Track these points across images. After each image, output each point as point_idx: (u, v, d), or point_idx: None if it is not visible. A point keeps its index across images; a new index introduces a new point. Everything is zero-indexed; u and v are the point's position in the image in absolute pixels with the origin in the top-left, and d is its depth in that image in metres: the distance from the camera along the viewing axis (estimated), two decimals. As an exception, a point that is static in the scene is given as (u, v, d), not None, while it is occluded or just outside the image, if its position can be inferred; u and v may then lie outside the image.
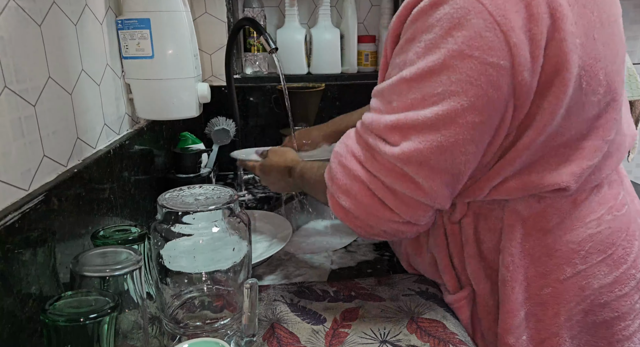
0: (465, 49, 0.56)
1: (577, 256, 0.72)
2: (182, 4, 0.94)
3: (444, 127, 0.59)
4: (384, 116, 0.64)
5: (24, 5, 0.61)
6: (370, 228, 0.69)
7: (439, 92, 0.58)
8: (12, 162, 0.57)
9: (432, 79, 0.59)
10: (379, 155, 0.65)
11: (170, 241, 0.64)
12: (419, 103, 0.60)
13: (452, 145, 0.60)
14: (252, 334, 0.62)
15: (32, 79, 0.62)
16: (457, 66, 0.57)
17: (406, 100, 0.61)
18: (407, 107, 0.61)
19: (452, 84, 0.58)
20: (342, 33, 1.57)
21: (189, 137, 1.26)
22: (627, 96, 1.63)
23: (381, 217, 0.67)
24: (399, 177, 0.63)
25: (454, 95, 0.58)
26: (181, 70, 0.96)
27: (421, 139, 0.60)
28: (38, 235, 0.59)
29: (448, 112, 0.58)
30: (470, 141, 0.60)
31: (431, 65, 0.58)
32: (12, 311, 0.53)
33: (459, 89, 0.57)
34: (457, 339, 0.71)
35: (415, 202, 0.65)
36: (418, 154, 0.61)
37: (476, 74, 0.57)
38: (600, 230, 0.72)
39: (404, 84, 0.61)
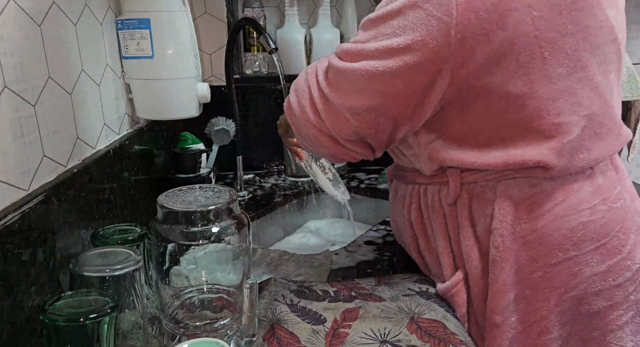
0: (419, 2, 0.65)
1: (568, 242, 0.73)
2: (181, 3, 0.94)
3: (379, 58, 0.69)
4: (347, 44, 0.75)
5: (24, 5, 0.61)
6: (301, 128, 0.81)
7: (387, 33, 0.68)
8: (12, 162, 0.57)
9: (386, 21, 0.69)
10: (329, 68, 0.76)
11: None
12: (370, 39, 0.71)
13: (380, 74, 0.68)
14: (251, 334, 0.62)
15: (32, 79, 0.62)
16: (407, 13, 0.66)
17: (364, 35, 0.72)
18: (362, 40, 0.72)
19: (398, 28, 0.67)
20: (342, 33, 1.57)
21: (188, 137, 1.26)
22: (627, 96, 1.63)
23: (310, 120, 0.78)
24: (334, 88, 0.74)
25: (396, 36, 0.67)
26: (181, 70, 0.96)
27: (360, 63, 0.70)
28: (38, 235, 0.59)
29: (386, 47, 0.68)
30: (399, 78, 0.68)
31: (390, 10, 0.68)
32: (12, 311, 0.53)
33: (401, 32, 0.67)
34: (458, 339, 0.71)
35: (337, 111, 0.74)
36: (352, 71, 0.71)
37: (419, 22, 0.65)
38: (593, 219, 0.74)
39: (368, 23, 0.72)
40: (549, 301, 0.75)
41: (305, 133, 0.80)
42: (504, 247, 0.74)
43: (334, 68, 0.74)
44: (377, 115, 0.73)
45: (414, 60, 0.66)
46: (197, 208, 0.64)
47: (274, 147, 1.54)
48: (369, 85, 0.70)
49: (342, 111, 0.74)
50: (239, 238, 0.68)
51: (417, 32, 0.65)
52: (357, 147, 0.78)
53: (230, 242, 0.67)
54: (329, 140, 0.78)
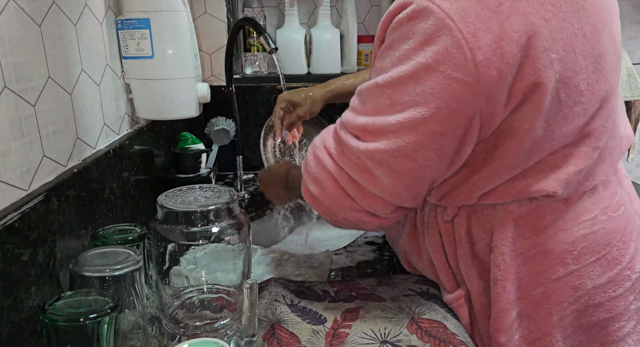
0: (432, 63, 0.59)
1: (569, 256, 0.72)
2: (181, 4, 0.94)
3: (405, 134, 0.63)
4: (357, 117, 0.68)
5: (24, 6, 0.61)
6: (335, 215, 0.74)
7: (405, 101, 0.62)
8: (11, 162, 0.57)
9: (400, 87, 0.62)
10: (347, 149, 0.69)
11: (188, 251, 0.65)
12: (387, 109, 0.64)
13: (412, 151, 0.64)
14: (251, 334, 0.62)
15: (31, 79, 0.62)
16: (423, 78, 0.60)
17: (377, 104, 0.65)
18: (376, 111, 0.65)
19: (417, 95, 0.61)
20: (342, 33, 1.57)
21: (188, 137, 1.26)
22: (627, 96, 1.63)
23: (344, 206, 0.72)
24: (362, 171, 0.68)
25: (418, 105, 0.61)
26: (181, 70, 0.96)
27: (385, 141, 0.64)
28: (38, 235, 0.59)
29: (410, 121, 0.62)
30: (430, 149, 0.64)
31: (401, 75, 0.62)
32: (11, 311, 0.53)
33: (422, 100, 0.61)
34: (458, 339, 0.71)
35: (374, 195, 0.69)
36: (380, 153, 0.65)
37: (440, 87, 0.59)
38: (594, 230, 0.73)
39: (377, 89, 0.65)
40: (552, 316, 0.73)
41: (343, 218, 0.74)
42: (505, 266, 0.73)
43: (355, 151, 0.67)
44: (413, 188, 0.69)
45: (442, 129, 0.62)
46: (197, 208, 0.64)
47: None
48: (399, 164, 0.65)
49: (377, 193, 0.69)
50: (239, 238, 0.68)
51: (439, 99, 0.60)
52: (399, 212, 0.73)
53: (230, 242, 0.67)
54: (371, 217, 0.73)
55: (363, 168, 0.68)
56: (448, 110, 0.60)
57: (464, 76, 0.58)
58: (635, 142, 1.75)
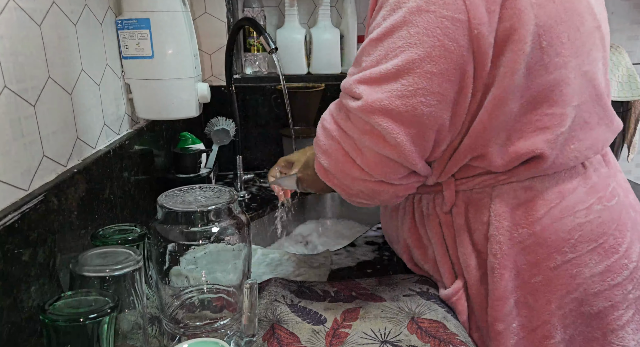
0: (423, 5, 0.61)
1: (566, 245, 0.73)
2: (181, 4, 0.94)
3: (402, 77, 0.63)
4: (354, 76, 0.68)
5: (24, 5, 0.61)
6: (348, 188, 0.73)
7: (400, 45, 0.63)
8: (11, 162, 0.57)
9: (394, 35, 0.63)
10: (351, 113, 0.68)
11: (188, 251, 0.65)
12: (382, 58, 0.65)
13: (412, 94, 0.63)
14: (251, 334, 0.62)
15: (31, 79, 0.62)
16: (415, 21, 0.62)
17: (373, 58, 0.66)
18: (373, 64, 0.66)
19: (410, 37, 0.62)
20: (342, 33, 1.57)
21: (188, 137, 1.26)
22: (627, 96, 1.63)
23: (354, 176, 0.71)
24: (366, 133, 0.67)
25: (412, 46, 0.62)
26: (181, 70, 0.96)
27: (383, 89, 0.64)
28: (38, 235, 0.59)
29: (406, 62, 0.62)
30: (430, 91, 0.63)
31: (393, 23, 0.63)
32: (11, 311, 0.53)
33: (417, 41, 0.62)
34: (458, 339, 0.71)
35: (383, 158, 0.68)
36: (379, 103, 0.64)
37: (432, 26, 0.61)
38: (589, 219, 0.74)
39: (372, 45, 0.66)
40: (550, 304, 0.74)
41: (357, 190, 0.73)
42: (502, 254, 0.74)
43: (356, 110, 0.67)
44: (419, 142, 0.67)
45: (440, 69, 0.62)
46: (197, 208, 0.64)
47: (274, 147, 1.54)
48: (402, 112, 0.64)
49: (384, 153, 0.67)
50: (239, 238, 0.68)
51: (433, 37, 0.61)
52: (412, 178, 0.72)
53: (230, 242, 0.67)
54: (385, 186, 0.71)
55: (367, 129, 0.67)
56: (442, 47, 0.61)
57: (455, 13, 0.60)
58: (635, 142, 1.75)
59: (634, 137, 1.74)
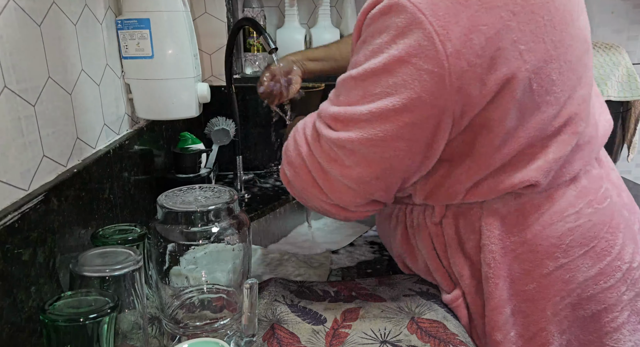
0: (405, 56, 0.61)
1: (558, 250, 0.73)
2: (181, 4, 0.94)
3: (376, 123, 0.64)
4: (330, 107, 0.70)
5: (24, 5, 0.61)
6: (304, 201, 0.76)
7: (377, 92, 0.63)
8: (11, 162, 0.57)
9: (373, 79, 0.64)
10: (321, 138, 0.70)
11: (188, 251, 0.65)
12: (359, 100, 0.65)
13: (382, 140, 0.64)
14: (251, 334, 0.62)
15: (31, 79, 0.62)
16: (395, 70, 0.61)
17: (350, 96, 0.67)
18: (349, 103, 0.67)
19: (389, 86, 0.62)
20: (342, 33, 1.57)
21: (188, 137, 1.26)
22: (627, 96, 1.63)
23: (313, 195, 0.73)
24: (332, 161, 0.69)
25: (389, 95, 0.62)
26: (181, 70, 0.96)
27: (356, 131, 0.65)
28: (38, 235, 0.59)
29: (381, 110, 0.63)
30: (401, 139, 0.64)
31: (374, 67, 0.63)
32: (11, 311, 0.53)
33: (394, 91, 0.62)
34: (458, 339, 0.71)
35: (344, 187, 0.70)
36: (350, 142, 0.66)
37: (411, 79, 0.61)
38: (580, 223, 0.73)
39: (352, 81, 0.67)
40: (546, 311, 0.74)
41: (312, 205, 0.76)
42: (495, 263, 0.73)
43: (327, 139, 0.68)
44: (385, 179, 0.69)
45: (413, 119, 0.63)
46: (197, 208, 0.64)
47: (274, 147, 1.54)
48: (370, 153, 0.66)
49: (347, 183, 0.69)
50: (238, 238, 0.68)
51: (411, 89, 0.61)
52: (370, 207, 0.74)
53: (230, 242, 0.67)
54: (339, 210, 0.74)
55: (334, 158, 0.69)
56: (419, 100, 0.61)
57: (435, 67, 0.60)
58: (635, 142, 1.75)
59: (634, 137, 1.74)
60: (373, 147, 0.65)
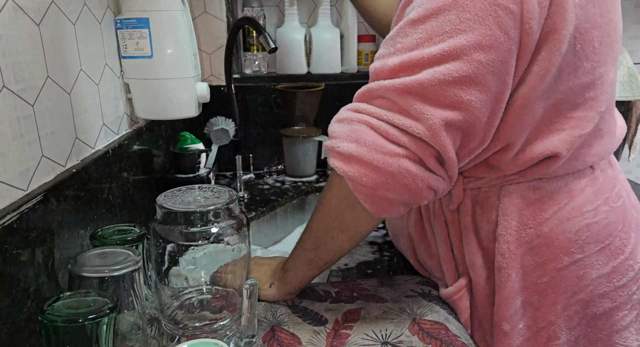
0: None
1: (574, 245, 0.73)
2: (181, 3, 0.94)
3: (447, 62, 0.58)
4: (389, 59, 0.62)
5: (23, 5, 0.60)
6: (377, 171, 0.61)
7: (447, 30, 0.58)
8: (10, 162, 0.57)
9: (440, 17, 0.58)
10: (380, 97, 0.62)
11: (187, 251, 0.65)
12: (424, 41, 0.59)
13: (455, 80, 0.58)
14: (251, 334, 0.62)
15: (30, 78, 0.62)
16: (466, 5, 0.57)
17: (412, 40, 0.60)
18: (412, 47, 0.60)
19: (460, 23, 0.57)
20: (342, 32, 1.57)
21: (188, 137, 1.25)
22: (628, 96, 1.63)
23: (389, 151, 0.61)
24: (401, 111, 0.61)
25: (462, 33, 0.58)
26: (180, 69, 0.95)
27: (425, 72, 0.59)
28: (36, 235, 0.59)
29: (454, 48, 0.58)
30: (474, 81, 0.59)
31: (440, 5, 0.58)
32: (10, 312, 0.53)
33: (467, 28, 0.57)
34: (460, 341, 0.70)
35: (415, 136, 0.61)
36: (418, 85, 0.59)
37: (485, 13, 0.57)
38: (597, 220, 0.73)
39: (410, 26, 0.61)
40: (557, 305, 0.74)
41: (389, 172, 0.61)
42: (510, 254, 0.73)
43: (385, 91, 0.61)
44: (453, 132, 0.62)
45: (487, 59, 0.58)
46: (197, 208, 0.64)
47: (273, 147, 1.54)
48: (440, 96, 0.59)
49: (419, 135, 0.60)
50: (238, 238, 0.67)
51: (485, 26, 0.57)
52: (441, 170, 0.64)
53: (230, 243, 0.67)
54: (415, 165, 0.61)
55: (398, 110, 0.61)
56: (493, 37, 0.57)
57: (510, 3, 0.57)
58: (636, 142, 1.75)
59: (635, 137, 1.74)
60: (444, 88, 0.58)
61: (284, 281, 0.79)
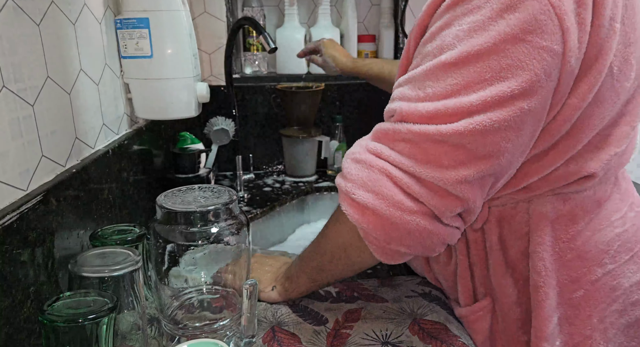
0: (519, 33, 0.53)
1: (606, 256, 0.70)
2: (181, 3, 0.94)
3: (489, 111, 0.55)
4: (419, 104, 0.58)
5: (22, 5, 0.60)
6: (392, 226, 0.59)
7: (487, 78, 0.54)
8: (10, 162, 0.57)
9: (479, 63, 0.54)
10: (403, 141, 0.59)
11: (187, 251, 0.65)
12: (461, 89, 0.55)
13: (496, 131, 0.55)
14: (251, 334, 0.62)
15: (30, 78, 0.62)
16: (508, 50, 0.53)
17: (445, 86, 0.56)
18: (447, 94, 0.56)
19: (502, 70, 0.54)
20: (342, 32, 1.56)
21: (188, 137, 1.25)
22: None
23: (404, 209, 0.58)
24: (426, 161, 0.57)
25: (504, 80, 0.54)
26: (180, 69, 0.95)
27: (464, 121, 0.55)
28: (36, 235, 0.59)
29: (497, 98, 0.54)
30: (514, 128, 0.56)
31: (478, 49, 0.54)
32: (10, 312, 0.53)
33: (510, 75, 0.54)
34: (460, 342, 0.70)
35: (441, 190, 0.58)
36: (457, 135, 0.55)
37: (529, 59, 0.53)
38: (626, 228, 0.72)
39: (442, 69, 0.56)
40: (592, 318, 0.71)
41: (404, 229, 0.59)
42: (546, 271, 0.69)
43: (415, 135, 0.57)
44: (486, 179, 0.59)
45: (530, 105, 0.55)
46: (197, 208, 0.64)
47: (273, 147, 1.53)
48: (480, 147, 0.55)
49: (447, 188, 0.57)
50: (238, 238, 0.67)
51: (529, 71, 0.53)
52: (457, 221, 0.62)
53: (230, 243, 0.67)
54: (435, 223, 0.59)
55: (426, 160, 0.57)
56: (538, 84, 0.54)
57: (554, 45, 0.53)
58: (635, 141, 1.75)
59: (634, 137, 1.74)
60: (481, 138, 0.55)
61: (285, 287, 0.79)
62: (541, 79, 0.54)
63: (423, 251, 0.62)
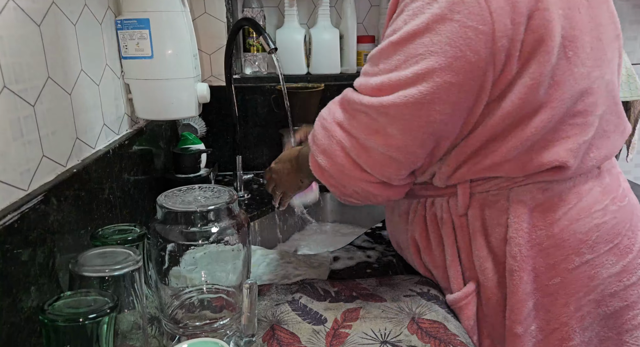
0: (447, 13, 0.60)
1: (584, 246, 0.73)
2: (181, 4, 0.94)
3: (420, 84, 0.62)
4: (371, 78, 0.67)
5: (23, 5, 0.61)
6: (344, 187, 0.73)
7: (420, 53, 0.62)
8: (11, 162, 0.57)
9: (415, 41, 0.62)
10: (357, 112, 0.68)
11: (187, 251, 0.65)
12: (401, 64, 0.64)
13: (428, 102, 0.62)
14: (251, 334, 0.62)
15: (31, 79, 0.62)
16: (438, 29, 0.60)
17: (391, 62, 0.65)
18: (391, 69, 0.65)
19: (432, 45, 0.61)
20: (342, 33, 1.57)
21: (188, 137, 1.26)
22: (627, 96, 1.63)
23: (353, 177, 0.71)
24: (374, 133, 0.67)
25: (433, 55, 0.61)
26: (180, 70, 0.96)
27: (400, 94, 0.63)
28: (37, 235, 0.59)
29: (426, 70, 0.61)
30: (446, 101, 0.63)
31: (415, 29, 0.62)
32: (11, 311, 0.53)
33: (438, 50, 0.61)
34: (458, 340, 0.71)
35: (387, 159, 0.68)
36: (395, 106, 0.64)
37: (455, 36, 0.60)
38: (605, 220, 0.74)
39: (391, 48, 0.65)
40: (569, 306, 0.74)
41: (352, 190, 0.73)
42: (521, 256, 0.73)
43: (365, 107, 0.67)
44: (428, 146, 0.68)
45: (458, 79, 0.61)
46: (197, 208, 0.64)
47: (273, 147, 1.54)
48: (415, 118, 0.64)
49: (391, 155, 0.68)
50: (238, 238, 0.68)
51: (455, 48, 0.60)
52: (409, 179, 0.73)
53: (230, 243, 0.67)
54: (381, 188, 0.72)
55: (375, 129, 0.67)
56: (464, 59, 0.60)
57: (479, 24, 0.59)
58: (634, 142, 1.75)
59: (633, 138, 1.74)
60: (418, 110, 0.63)
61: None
62: (466, 55, 0.60)
63: (370, 204, 0.77)
